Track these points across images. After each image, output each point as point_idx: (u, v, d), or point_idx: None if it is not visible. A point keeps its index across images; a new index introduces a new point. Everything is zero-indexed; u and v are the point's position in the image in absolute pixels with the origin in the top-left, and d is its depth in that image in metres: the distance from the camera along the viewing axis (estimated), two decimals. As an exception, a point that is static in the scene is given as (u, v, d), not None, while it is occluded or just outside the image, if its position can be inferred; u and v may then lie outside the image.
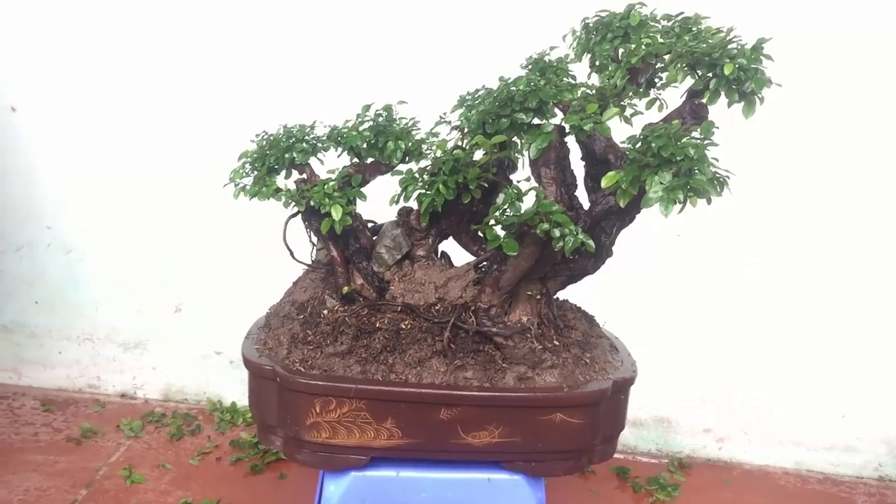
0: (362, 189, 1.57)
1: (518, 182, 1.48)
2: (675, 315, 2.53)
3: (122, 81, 2.54)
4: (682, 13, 1.53)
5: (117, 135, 2.58)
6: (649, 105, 1.53)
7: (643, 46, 1.48)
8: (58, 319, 2.77)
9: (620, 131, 1.41)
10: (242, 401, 2.67)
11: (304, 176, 1.60)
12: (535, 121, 1.43)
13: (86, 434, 2.49)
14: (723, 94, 1.39)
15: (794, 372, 2.55)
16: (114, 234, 2.67)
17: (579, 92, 1.46)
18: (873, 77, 2.32)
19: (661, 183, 1.26)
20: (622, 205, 1.34)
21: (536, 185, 1.47)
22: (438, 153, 1.53)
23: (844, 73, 2.32)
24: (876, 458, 2.59)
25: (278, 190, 1.55)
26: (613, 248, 1.52)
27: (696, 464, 2.60)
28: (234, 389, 2.70)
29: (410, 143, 1.60)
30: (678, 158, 1.26)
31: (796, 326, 2.51)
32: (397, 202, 1.53)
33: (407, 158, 1.61)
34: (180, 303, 2.72)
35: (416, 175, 1.51)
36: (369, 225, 1.66)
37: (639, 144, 1.33)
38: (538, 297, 1.51)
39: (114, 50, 2.52)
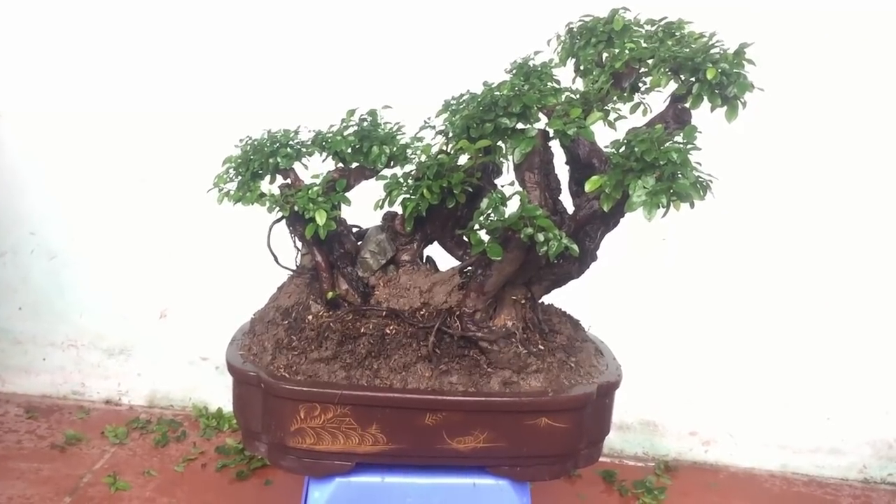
0: (347, 194, 1.57)
1: (502, 187, 1.48)
2: (661, 318, 2.53)
3: (107, 87, 2.53)
4: (665, 18, 1.54)
5: (103, 140, 2.57)
6: (633, 109, 1.54)
7: (627, 51, 1.48)
8: (42, 325, 2.75)
9: (605, 136, 1.42)
10: (228, 407, 2.66)
11: (289, 181, 1.59)
12: (519, 125, 1.43)
13: (70, 441, 2.47)
14: (706, 98, 1.40)
15: (780, 375, 2.56)
16: (99, 240, 2.65)
17: (563, 96, 1.46)
18: (858, 74, 2.33)
19: (644, 187, 1.27)
20: (606, 209, 1.34)
21: (520, 189, 1.47)
22: (423, 158, 1.53)
23: (830, 71, 2.33)
24: (861, 460, 2.60)
25: (262, 195, 1.55)
26: (598, 253, 1.53)
27: (682, 467, 2.61)
28: (220, 395, 2.69)
29: (395, 148, 1.60)
30: (661, 163, 1.26)
31: (782, 329, 2.52)
32: (382, 207, 1.53)
33: (391, 163, 1.61)
34: (166, 308, 2.71)
35: (401, 180, 1.51)
36: (354, 230, 1.66)
37: (622, 149, 1.34)
38: (523, 301, 1.51)
39: (100, 56, 2.51)
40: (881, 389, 2.54)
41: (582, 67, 1.58)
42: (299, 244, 1.65)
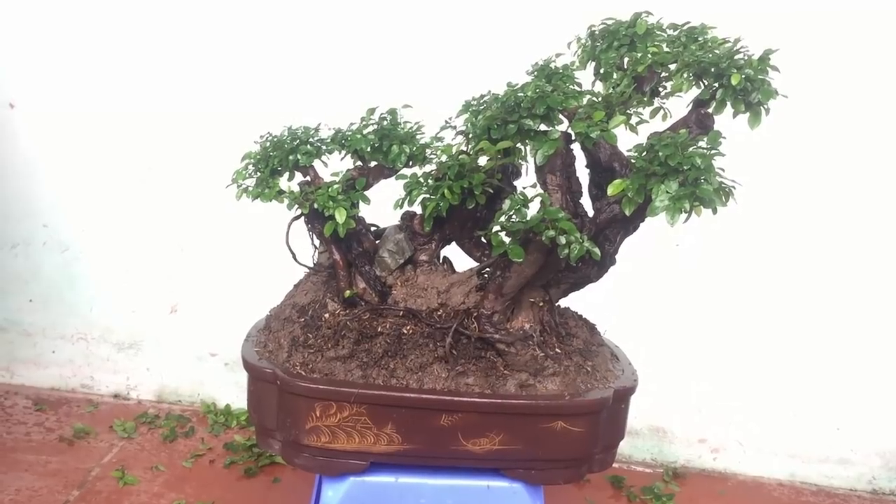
0: (366, 192, 1.56)
1: (524, 188, 1.48)
2: (671, 325, 2.53)
3: (122, 79, 2.53)
4: (688, 23, 1.53)
5: (116, 133, 2.57)
6: (653, 114, 1.53)
7: (649, 55, 1.47)
8: (52, 318, 2.75)
9: (622, 140, 1.41)
10: (236, 403, 2.66)
11: (308, 178, 1.59)
12: (542, 127, 1.42)
13: (78, 434, 2.47)
14: (729, 104, 1.40)
15: (790, 384, 2.55)
16: (110, 233, 2.66)
17: (585, 99, 1.45)
18: (880, 80, 2.33)
19: (667, 192, 1.26)
20: (628, 213, 1.33)
21: (542, 191, 1.46)
22: (444, 158, 1.52)
23: (849, 76, 2.33)
24: (870, 471, 2.59)
25: (281, 192, 1.55)
26: (616, 257, 1.52)
27: (690, 474, 2.60)
28: (229, 392, 2.69)
29: (415, 148, 1.59)
30: (685, 167, 1.26)
31: (792, 338, 2.51)
32: (402, 206, 1.52)
33: (411, 163, 1.60)
34: (176, 303, 2.71)
35: (421, 179, 1.50)
36: (372, 229, 1.65)
37: (645, 153, 1.33)
38: (541, 304, 1.51)
39: (114, 47, 2.51)
40: (891, 400, 2.53)
41: (602, 71, 1.57)
42: (317, 242, 1.65)
